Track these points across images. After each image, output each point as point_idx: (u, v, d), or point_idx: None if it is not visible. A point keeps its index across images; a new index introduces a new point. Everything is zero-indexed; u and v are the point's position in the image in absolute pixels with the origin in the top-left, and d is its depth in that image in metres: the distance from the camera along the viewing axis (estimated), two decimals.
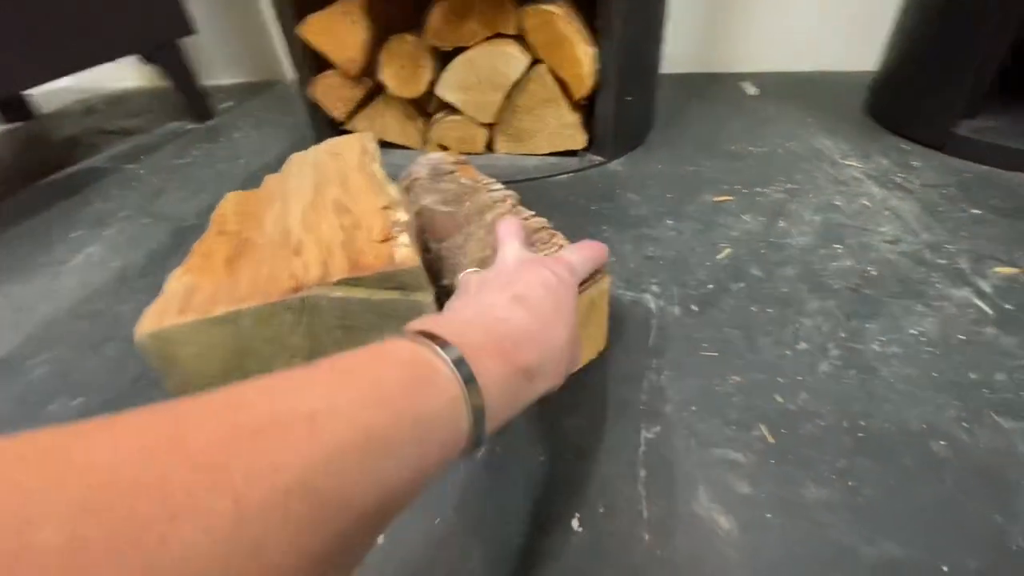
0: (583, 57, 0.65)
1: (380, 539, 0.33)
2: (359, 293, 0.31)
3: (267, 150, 0.92)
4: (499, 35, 0.68)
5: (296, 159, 0.50)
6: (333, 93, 0.79)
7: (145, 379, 0.47)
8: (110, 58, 0.89)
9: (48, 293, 0.61)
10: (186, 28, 1.00)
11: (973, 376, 0.39)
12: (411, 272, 0.31)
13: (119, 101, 1.27)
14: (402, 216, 0.34)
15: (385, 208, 0.35)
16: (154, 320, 0.30)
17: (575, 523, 0.32)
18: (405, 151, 0.82)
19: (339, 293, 0.31)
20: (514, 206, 0.44)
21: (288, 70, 1.29)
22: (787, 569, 0.29)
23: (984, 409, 0.37)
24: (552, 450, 0.37)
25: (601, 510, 0.33)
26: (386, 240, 0.32)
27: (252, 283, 0.31)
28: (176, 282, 0.33)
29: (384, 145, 0.83)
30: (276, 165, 0.84)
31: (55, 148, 1.06)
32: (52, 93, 1.41)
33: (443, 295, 0.46)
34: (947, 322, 0.44)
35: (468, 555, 0.32)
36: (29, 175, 0.94)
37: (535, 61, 0.68)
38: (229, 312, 0.29)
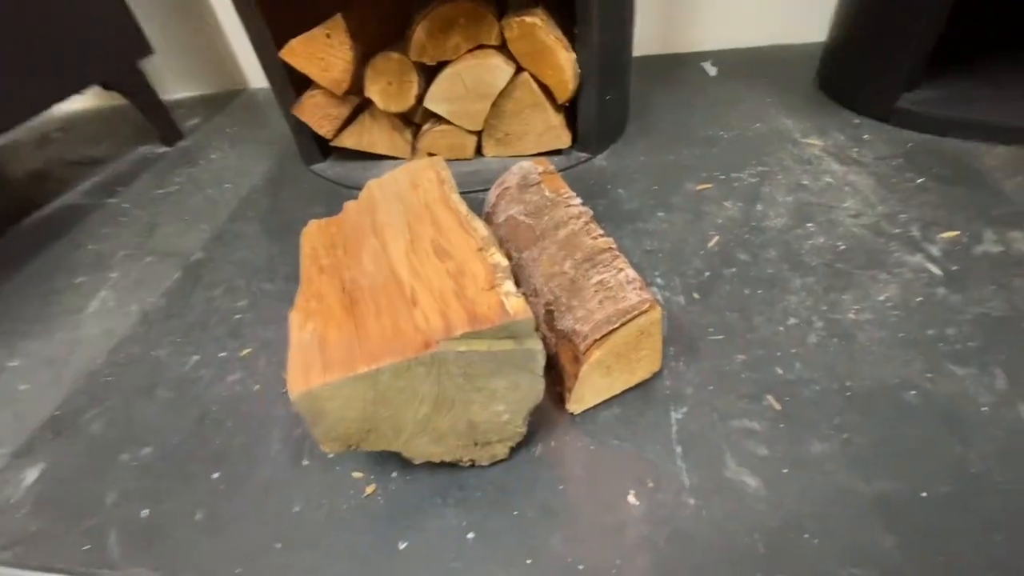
0: (565, 64, 0.69)
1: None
2: (480, 346, 0.34)
3: (252, 171, 0.92)
4: (482, 46, 0.71)
5: (375, 188, 0.50)
6: (319, 112, 0.80)
7: (209, 419, 0.50)
8: (75, 91, 0.86)
9: (75, 344, 0.62)
10: (146, 48, 0.97)
11: (930, 332, 0.47)
12: (524, 323, 0.34)
13: (73, 127, 1.22)
14: (501, 260, 0.37)
15: (480, 250, 0.38)
16: (302, 380, 0.33)
17: (631, 498, 0.39)
18: (395, 161, 0.84)
19: (463, 348, 0.34)
20: (587, 223, 0.47)
21: (250, 78, 1.27)
22: (805, 512, 0.37)
23: (941, 360, 0.45)
24: (597, 440, 0.43)
25: (650, 484, 0.40)
26: (492, 288, 0.35)
27: (382, 337, 0.34)
28: (302, 331, 0.36)
29: (373, 157, 0.85)
30: (265, 187, 0.87)
31: (21, 185, 1.02)
32: None
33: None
34: (906, 287, 0.52)
35: (547, 537, 0.38)
36: (2, 218, 0.92)
37: (519, 69, 0.72)
38: (371, 370, 0.33)
